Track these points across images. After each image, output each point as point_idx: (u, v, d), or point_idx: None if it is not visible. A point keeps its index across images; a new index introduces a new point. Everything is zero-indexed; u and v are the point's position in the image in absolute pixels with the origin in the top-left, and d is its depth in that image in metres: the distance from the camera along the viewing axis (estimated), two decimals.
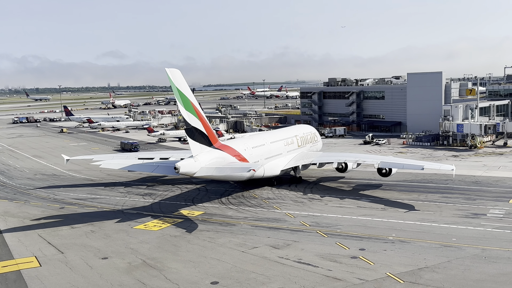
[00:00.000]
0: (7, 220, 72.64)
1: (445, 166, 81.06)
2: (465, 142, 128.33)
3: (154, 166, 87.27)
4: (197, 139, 74.51)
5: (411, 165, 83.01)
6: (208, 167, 72.97)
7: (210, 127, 77.95)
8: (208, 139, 76.15)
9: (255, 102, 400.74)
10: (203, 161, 72.76)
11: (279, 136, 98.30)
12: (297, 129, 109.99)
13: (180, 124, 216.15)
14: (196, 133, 74.41)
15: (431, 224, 62.46)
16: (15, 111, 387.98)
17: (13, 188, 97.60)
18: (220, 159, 75.83)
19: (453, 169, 74.93)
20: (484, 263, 48.82)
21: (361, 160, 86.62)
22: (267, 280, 46.90)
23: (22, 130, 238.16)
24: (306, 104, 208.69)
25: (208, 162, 73.31)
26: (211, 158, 74.45)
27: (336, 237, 58.82)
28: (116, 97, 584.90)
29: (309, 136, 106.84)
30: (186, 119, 73.46)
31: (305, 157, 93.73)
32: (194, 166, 71.33)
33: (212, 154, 75.48)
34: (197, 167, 71.19)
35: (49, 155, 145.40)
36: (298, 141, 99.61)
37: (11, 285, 48.29)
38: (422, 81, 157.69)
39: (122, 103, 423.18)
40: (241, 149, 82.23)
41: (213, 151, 76.36)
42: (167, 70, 71.27)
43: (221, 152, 77.53)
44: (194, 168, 71.16)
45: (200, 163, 71.99)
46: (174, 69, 72.54)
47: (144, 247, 58.02)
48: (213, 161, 74.35)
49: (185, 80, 73.35)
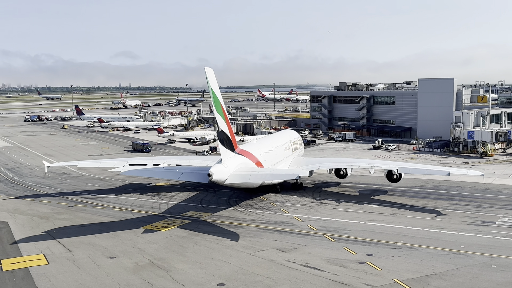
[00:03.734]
0: (16, 218, 73.21)
1: (473, 171, 79.90)
2: (475, 149, 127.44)
3: (178, 173, 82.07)
4: (225, 144, 73.09)
5: (435, 171, 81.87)
6: (256, 174, 73.33)
7: (232, 131, 76.58)
8: (231, 144, 74.90)
9: (265, 105, 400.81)
10: (231, 167, 70.85)
11: (278, 141, 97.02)
12: (287, 134, 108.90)
13: (189, 125, 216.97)
14: (224, 137, 73.15)
15: (440, 231, 62.04)
16: (26, 109, 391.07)
17: (23, 185, 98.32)
18: (243, 165, 74.53)
19: (482, 175, 74.19)
20: (493, 271, 48.41)
21: (377, 165, 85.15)
22: (273, 283, 46.82)
23: (33, 128, 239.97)
24: (316, 108, 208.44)
25: (235, 169, 71.39)
26: (236, 164, 72.75)
27: (344, 241, 58.62)
28: (130, 97, 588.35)
29: (298, 142, 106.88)
30: (217, 121, 71.82)
31: (315, 163, 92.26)
32: (224, 173, 69.08)
33: (237, 160, 74.07)
34: (227, 174, 69.18)
35: (59, 154, 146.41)
36: (292, 147, 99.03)
37: (19, 282, 48.61)
38: (434, 87, 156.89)
39: (133, 103, 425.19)
40: (257, 154, 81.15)
41: (236, 156, 75.04)
42: (206, 69, 70.45)
43: (243, 157, 76.48)
44: (224, 175, 68.90)
45: (228, 169, 70.01)
46: (209, 68, 71.39)
47: (151, 247, 58.17)
48: (239, 167, 72.71)
49: (197, 82, 73.22)
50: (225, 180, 69.21)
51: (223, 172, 68.99)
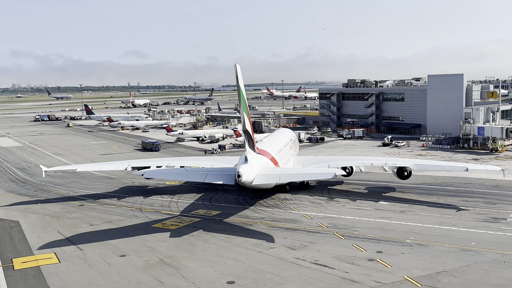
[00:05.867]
0: (27, 217, 73.80)
1: (491, 167, 79.18)
2: (486, 146, 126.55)
3: (203, 175, 76.75)
4: (249, 143, 72.54)
5: (453, 167, 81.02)
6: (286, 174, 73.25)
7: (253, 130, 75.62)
8: (253, 143, 74.28)
9: (274, 102, 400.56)
10: (256, 167, 69.58)
11: (282, 140, 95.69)
12: (286, 133, 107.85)
13: (198, 124, 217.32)
14: (248, 137, 72.58)
15: (450, 227, 61.74)
16: (36, 109, 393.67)
17: (34, 185, 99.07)
18: (265, 165, 73.79)
19: (502, 170, 73.76)
20: (503, 268, 48.13)
21: (391, 163, 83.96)
22: (283, 280, 46.87)
23: (43, 128, 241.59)
24: (325, 105, 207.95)
25: (259, 169, 70.02)
26: (259, 164, 71.68)
27: (353, 239, 58.52)
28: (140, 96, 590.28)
29: (296, 140, 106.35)
30: (244, 119, 71.20)
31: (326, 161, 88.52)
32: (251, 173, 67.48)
33: (259, 160, 73.26)
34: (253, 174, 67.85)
35: (69, 153, 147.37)
36: (293, 146, 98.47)
37: (31, 281, 49.05)
38: (443, 83, 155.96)
39: (142, 102, 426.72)
40: (274, 153, 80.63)
41: (258, 156, 74.16)
42: (237, 65, 70.00)
43: (264, 157, 75.88)
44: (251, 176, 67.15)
45: (254, 169, 68.61)
46: (238, 65, 70.82)
47: (161, 245, 58.41)
48: (262, 167, 71.54)
49: (205, 81, 73.22)
50: (252, 180, 67.69)
51: (251, 173, 67.57)
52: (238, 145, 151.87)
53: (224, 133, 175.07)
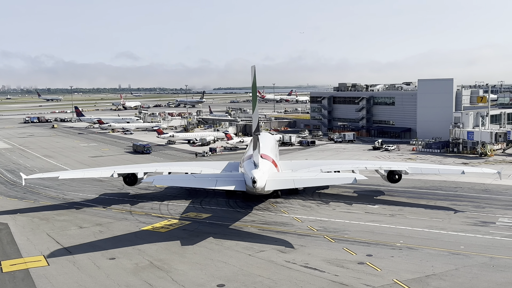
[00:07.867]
0: (16, 219, 73.25)
1: (487, 169, 79.58)
2: (475, 150, 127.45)
3: (213, 181, 73.06)
4: (258, 148, 71.28)
5: (448, 170, 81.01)
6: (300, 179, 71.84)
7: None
8: (259, 148, 72.91)
9: (265, 106, 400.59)
10: (266, 172, 68.72)
11: (272, 143, 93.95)
12: (271, 136, 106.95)
13: (189, 126, 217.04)
14: (256, 141, 71.60)
15: (439, 231, 62.10)
16: (26, 111, 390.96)
17: (23, 187, 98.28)
18: (271, 170, 73.49)
19: (498, 172, 74.09)
20: (492, 272, 48.47)
21: (386, 166, 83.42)
22: (273, 284, 46.88)
23: (33, 130, 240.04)
24: (316, 109, 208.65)
25: (268, 174, 69.14)
26: (267, 169, 70.99)
27: (344, 242, 58.68)
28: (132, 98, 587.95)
29: (277, 144, 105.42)
30: (255, 122, 70.48)
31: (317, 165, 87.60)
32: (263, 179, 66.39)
33: (265, 165, 72.72)
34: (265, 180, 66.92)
35: (59, 155, 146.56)
36: (277, 149, 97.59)
37: (19, 284, 48.68)
38: (433, 87, 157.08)
39: (133, 104, 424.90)
40: (273, 157, 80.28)
41: (263, 161, 73.18)
42: (252, 67, 69.46)
43: (268, 161, 75.49)
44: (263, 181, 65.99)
45: (265, 175, 67.68)
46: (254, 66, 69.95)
47: (151, 248, 58.22)
48: (269, 173, 70.92)
49: (197, 83, 72.81)
50: (264, 186, 66.58)
51: (263, 179, 66.76)
52: (229, 148, 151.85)
53: (215, 136, 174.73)
